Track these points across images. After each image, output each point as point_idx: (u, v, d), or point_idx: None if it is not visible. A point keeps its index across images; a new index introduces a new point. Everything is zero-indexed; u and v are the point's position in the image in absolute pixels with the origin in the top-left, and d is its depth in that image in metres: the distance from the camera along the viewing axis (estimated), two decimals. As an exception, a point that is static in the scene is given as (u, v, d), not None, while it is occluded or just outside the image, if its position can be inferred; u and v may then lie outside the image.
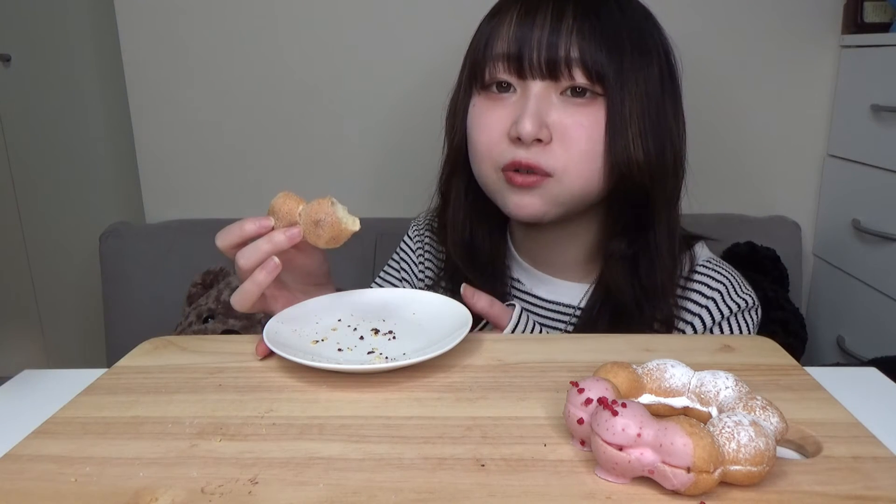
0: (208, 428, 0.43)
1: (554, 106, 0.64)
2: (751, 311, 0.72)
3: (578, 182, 0.66)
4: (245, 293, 0.57)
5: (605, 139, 0.64)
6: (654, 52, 0.67)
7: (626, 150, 0.64)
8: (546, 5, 0.64)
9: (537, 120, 0.63)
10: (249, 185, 1.53)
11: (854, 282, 1.37)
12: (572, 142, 0.64)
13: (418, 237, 0.85)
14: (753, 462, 0.35)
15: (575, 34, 0.62)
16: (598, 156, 0.65)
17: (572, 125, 0.64)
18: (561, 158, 0.64)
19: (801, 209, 1.49)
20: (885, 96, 1.26)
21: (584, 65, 0.63)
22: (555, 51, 0.62)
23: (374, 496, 0.36)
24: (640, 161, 0.64)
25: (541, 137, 0.63)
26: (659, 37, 0.69)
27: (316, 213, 0.55)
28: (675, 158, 0.69)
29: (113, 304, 1.44)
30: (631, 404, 0.36)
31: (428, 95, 1.43)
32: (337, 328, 0.58)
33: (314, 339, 0.56)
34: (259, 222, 0.57)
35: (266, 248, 0.56)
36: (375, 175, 1.51)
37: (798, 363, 0.51)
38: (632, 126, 0.64)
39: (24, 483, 0.38)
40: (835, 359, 1.42)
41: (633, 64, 0.64)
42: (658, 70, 0.67)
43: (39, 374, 0.58)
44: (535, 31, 0.63)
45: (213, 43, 1.45)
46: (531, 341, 0.57)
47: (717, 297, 0.71)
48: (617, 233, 0.70)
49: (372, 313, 0.60)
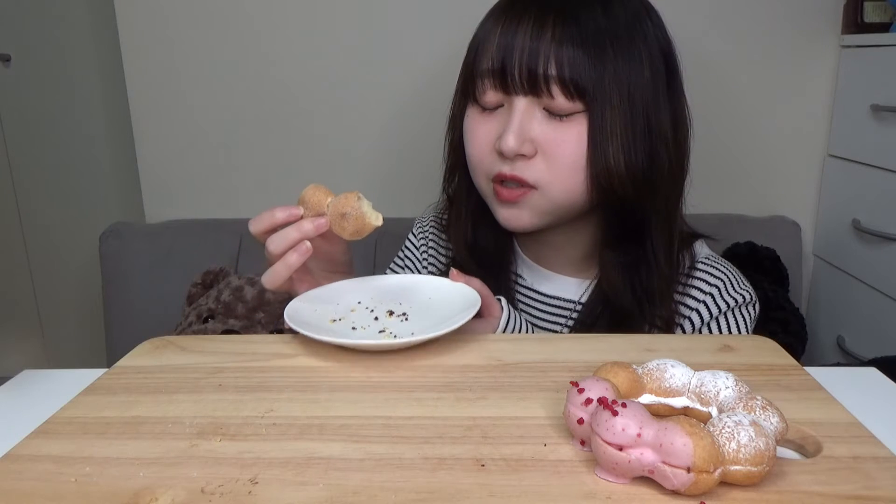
0: (208, 428, 0.43)
1: (537, 120, 0.65)
2: (748, 306, 0.72)
3: (562, 194, 0.66)
4: (275, 273, 0.61)
5: (588, 152, 0.64)
6: (644, 55, 0.65)
7: (607, 164, 0.64)
8: (528, 17, 0.63)
9: (519, 136, 0.64)
10: (249, 186, 1.53)
11: (854, 282, 1.37)
12: (555, 156, 0.65)
13: (422, 235, 0.87)
14: (753, 462, 0.35)
15: (553, 51, 0.62)
16: (581, 169, 0.65)
17: (555, 140, 0.65)
18: (544, 172, 0.66)
19: (801, 209, 1.49)
20: (885, 96, 1.26)
21: (563, 82, 0.62)
22: (535, 68, 0.62)
23: (374, 496, 0.36)
24: (622, 174, 0.64)
25: (523, 152, 0.65)
26: (655, 37, 0.66)
27: (343, 206, 0.58)
28: (673, 163, 0.68)
29: (113, 304, 1.44)
30: (631, 404, 0.36)
31: (428, 97, 1.43)
32: (356, 309, 0.61)
33: (332, 319, 0.59)
34: (289, 211, 0.61)
35: (294, 235, 0.60)
36: (375, 176, 1.51)
37: (798, 363, 0.51)
38: (613, 140, 0.64)
39: (24, 483, 0.38)
40: (835, 359, 1.42)
41: (616, 73, 0.63)
42: (650, 73, 0.65)
43: (39, 374, 0.58)
44: (517, 46, 0.63)
45: (214, 43, 1.45)
46: (531, 341, 0.57)
47: (714, 292, 0.71)
48: (612, 240, 0.71)
49: (390, 296, 0.63)
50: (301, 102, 1.48)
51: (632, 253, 0.69)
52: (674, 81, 0.68)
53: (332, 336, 0.53)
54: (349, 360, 0.53)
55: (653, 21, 0.67)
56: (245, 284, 1.30)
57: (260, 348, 0.56)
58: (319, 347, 0.55)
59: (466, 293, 0.60)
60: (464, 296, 0.60)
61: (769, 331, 1.27)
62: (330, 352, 0.54)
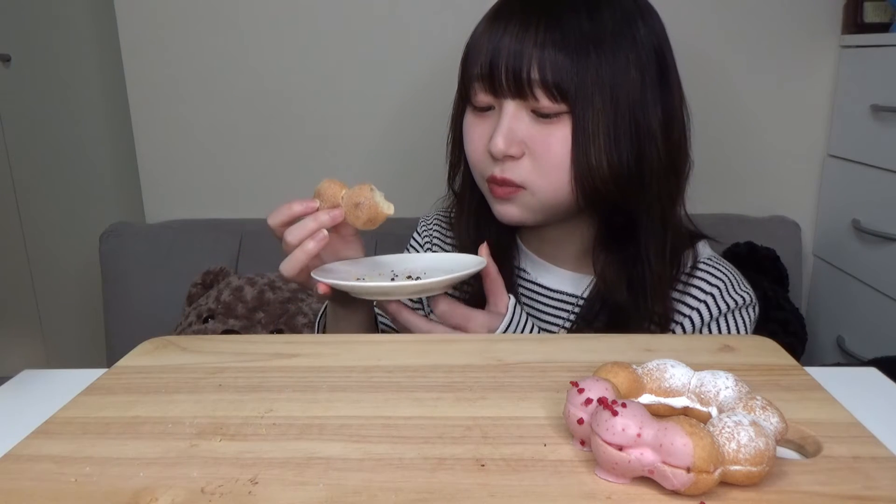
0: (208, 428, 0.43)
1: (525, 122, 0.67)
2: (748, 307, 0.73)
3: (550, 193, 0.69)
4: (294, 260, 0.65)
5: (571, 152, 0.66)
6: (632, 56, 0.66)
7: (589, 164, 0.66)
8: (515, 22, 0.65)
9: (507, 138, 0.67)
10: (249, 185, 1.53)
11: (854, 282, 1.37)
12: (541, 156, 0.67)
13: (426, 233, 0.88)
14: (753, 462, 0.35)
15: (536, 55, 0.64)
16: (566, 169, 0.67)
17: (541, 140, 0.67)
18: (531, 172, 0.68)
19: (801, 209, 1.49)
20: (885, 96, 1.26)
21: (545, 85, 0.64)
22: (519, 71, 0.65)
23: (374, 496, 0.36)
24: (605, 173, 0.66)
25: (511, 154, 0.67)
26: (647, 38, 0.67)
27: (356, 196, 0.63)
28: (664, 161, 0.68)
29: (113, 304, 1.44)
30: (631, 404, 0.36)
31: (428, 96, 1.43)
32: (382, 274, 0.69)
33: (357, 277, 0.67)
34: (306, 203, 0.66)
35: (311, 225, 0.64)
36: (375, 176, 1.51)
37: (798, 363, 0.51)
38: (596, 140, 0.65)
39: (24, 483, 0.38)
40: (835, 359, 1.42)
41: (600, 75, 0.64)
42: (638, 73, 0.66)
43: (39, 374, 0.58)
44: (503, 50, 0.65)
45: (214, 43, 1.45)
46: (531, 341, 0.57)
47: (715, 292, 0.72)
48: (604, 237, 0.72)
49: (411, 267, 0.71)
50: (301, 102, 1.48)
51: (625, 250, 0.71)
52: (666, 81, 0.69)
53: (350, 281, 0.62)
54: (349, 360, 0.53)
55: (646, 22, 0.68)
56: (245, 284, 1.30)
57: (260, 348, 0.56)
58: (319, 347, 0.55)
59: (476, 260, 0.66)
60: (475, 262, 0.66)
61: (769, 331, 1.27)
62: (330, 352, 0.54)
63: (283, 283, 1.33)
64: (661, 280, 0.70)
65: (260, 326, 1.27)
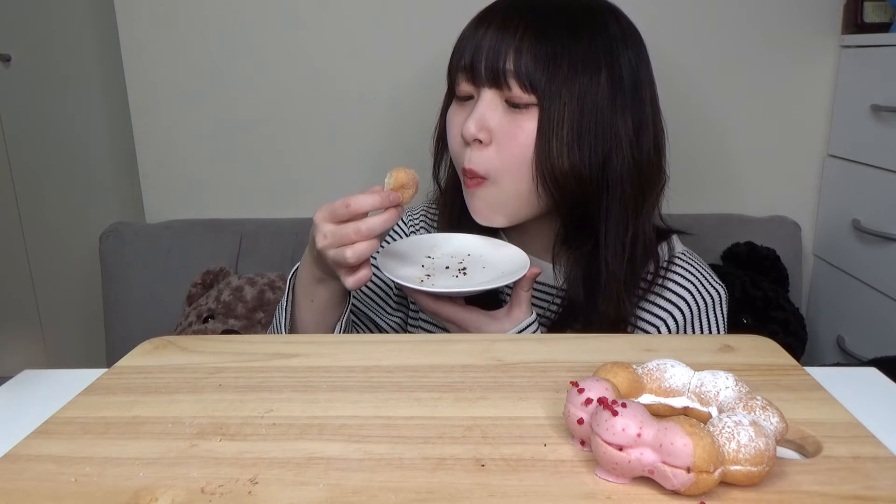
0: (208, 428, 0.43)
1: (498, 112, 0.71)
2: (719, 305, 0.76)
3: (513, 185, 0.71)
4: (360, 251, 0.65)
5: (535, 144, 0.69)
6: (605, 62, 0.69)
7: (551, 158, 0.69)
8: (498, 21, 0.70)
9: (478, 122, 0.70)
10: (249, 185, 1.52)
11: (854, 282, 1.37)
12: (507, 146, 0.70)
13: (412, 223, 0.90)
14: (753, 462, 0.35)
15: (513, 48, 0.68)
16: (529, 161, 0.70)
17: (510, 130, 0.70)
18: (495, 161, 0.71)
19: (801, 209, 1.49)
20: (885, 96, 1.26)
21: (518, 75, 0.68)
22: (496, 63, 0.69)
23: (374, 496, 0.36)
24: (565, 169, 0.69)
25: (480, 138, 0.70)
26: (622, 52, 0.70)
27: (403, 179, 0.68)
28: (632, 167, 0.70)
29: (113, 304, 1.44)
30: (631, 404, 0.36)
31: (428, 96, 1.43)
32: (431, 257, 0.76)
33: (422, 275, 0.72)
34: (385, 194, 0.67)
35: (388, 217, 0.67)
36: (375, 176, 1.51)
37: (798, 363, 0.51)
38: (559, 135, 0.68)
39: (24, 483, 0.38)
40: (835, 359, 1.42)
41: (570, 74, 0.68)
42: (608, 81, 0.69)
43: (39, 374, 0.58)
44: (485, 45, 0.70)
45: (214, 43, 1.45)
46: (531, 341, 0.57)
47: (691, 288, 0.75)
48: (564, 233, 0.75)
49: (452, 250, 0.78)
50: (301, 102, 1.48)
51: (582, 247, 0.73)
52: (639, 95, 0.72)
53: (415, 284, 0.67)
54: (349, 360, 0.53)
55: (627, 45, 0.71)
56: (245, 284, 1.30)
57: (260, 348, 0.56)
58: (319, 347, 0.55)
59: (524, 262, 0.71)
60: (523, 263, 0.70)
61: (769, 331, 1.27)
62: (329, 352, 0.54)
63: (284, 283, 1.33)
64: (615, 282, 0.71)
65: (260, 326, 1.27)
